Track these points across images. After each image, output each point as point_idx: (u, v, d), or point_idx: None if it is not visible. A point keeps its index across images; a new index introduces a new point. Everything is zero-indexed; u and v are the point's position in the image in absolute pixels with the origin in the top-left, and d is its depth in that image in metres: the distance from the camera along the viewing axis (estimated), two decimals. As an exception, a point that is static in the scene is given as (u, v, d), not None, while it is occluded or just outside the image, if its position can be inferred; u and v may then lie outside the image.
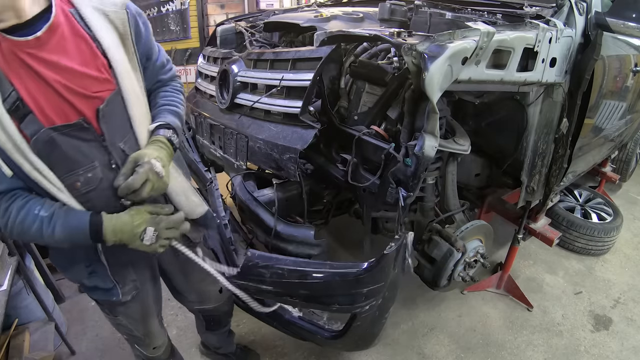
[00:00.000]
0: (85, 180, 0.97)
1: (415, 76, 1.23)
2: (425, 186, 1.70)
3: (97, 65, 0.94)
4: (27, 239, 0.98)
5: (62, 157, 0.93)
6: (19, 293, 1.81)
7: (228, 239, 1.68)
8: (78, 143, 0.94)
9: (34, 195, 0.94)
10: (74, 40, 0.91)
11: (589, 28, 1.64)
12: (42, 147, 0.89)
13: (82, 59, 0.92)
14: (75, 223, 0.94)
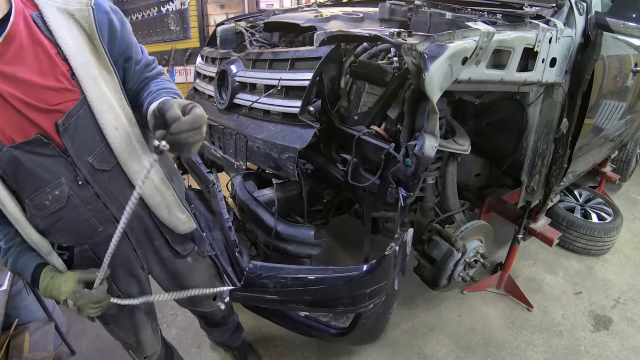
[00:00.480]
0: (53, 198, 0.92)
1: (415, 76, 1.23)
2: (425, 186, 1.70)
3: (56, 74, 0.85)
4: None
5: (28, 176, 0.88)
6: (19, 293, 1.81)
7: (233, 241, 1.68)
8: (41, 160, 0.88)
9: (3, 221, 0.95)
10: (33, 48, 0.82)
11: (589, 28, 1.64)
12: (6, 167, 0.85)
13: (40, 69, 0.83)
14: (21, 266, 0.99)
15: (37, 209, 0.92)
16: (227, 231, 1.70)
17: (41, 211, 0.93)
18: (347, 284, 1.35)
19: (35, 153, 0.87)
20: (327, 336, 1.66)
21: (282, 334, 2.08)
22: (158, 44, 3.58)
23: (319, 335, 1.68)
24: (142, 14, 3.45)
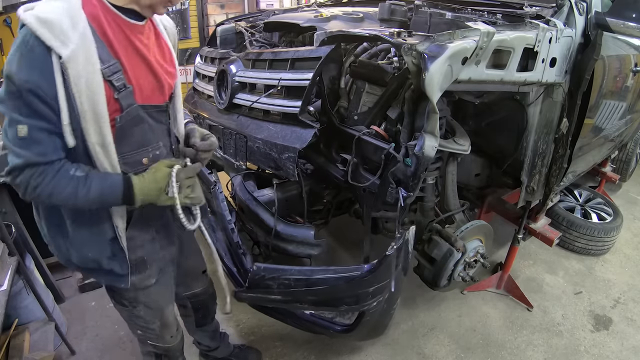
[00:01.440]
0: (152, 157, 1.09)
1: (415, 76, 1.23)
2: (425, 186, 1.70)
3: (172, 61, 1.13)
4: (53, 201, 0.96)
5: (140, 134, 1.05)
6: (19, 293, 1.81)
7: (236, 243, 1.68)
8: (155, 124, 1.09)
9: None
10: (156, 38, 1.09)
11: (589, 28, 1.64)
12: (128, 121, 0.99)
13: (163, 55, 1.09)
14: (109, 182, 0.99)
15: (132, 166, 1.05)
16: (230, 233, 1.71)
17: (135, 167, 1.05)
18: (349, 284, 1.36)
19: (153, 117, 1.08)
20: (332, 333, 1.66)
21: (282, 334, 2.08)
22: (158, 44, 3.57)
23: (324, 332, 1.69)
24: (142, 14, 3.44)
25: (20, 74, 0.84)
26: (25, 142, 0.89)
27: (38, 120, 0.88)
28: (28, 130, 0.88)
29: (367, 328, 1.60)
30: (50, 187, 0.93)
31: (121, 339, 2.06)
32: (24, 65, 0.85)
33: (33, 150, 0.89)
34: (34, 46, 0.85)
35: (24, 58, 0.85)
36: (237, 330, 2.11)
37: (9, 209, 2.00)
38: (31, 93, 0.86)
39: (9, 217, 1.99)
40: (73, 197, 0.95)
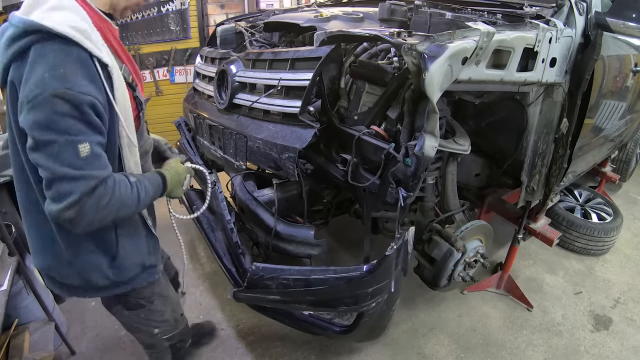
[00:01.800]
0: (148, 149, 1.21)
1: (415, 76, 1.23)
2: (425, 186, 1.70)
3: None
4: (120, 214, 0.95)
5: (142, 128, 1.14)
6: (19, 293, 1.81)
7: (235, 243, 1.68)
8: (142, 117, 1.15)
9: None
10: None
11: (589, 28, 1.64)
12: (142, 117, 1.09)
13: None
14: (153, 179, 1.07)
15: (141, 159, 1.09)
16: (229, 232, 1.70)
17: (142, 160, 1.12)
18: (348, 284, 1.36)
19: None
20: (330, 334, 1.66)
21: (282, 334, 2.08)
22: (158, 44, 3.58)
23: (323, 333, 1.69)
24: (142, 14, 3.44)
25: (75, 88, 0.80)
26: (89, 161, 0.84)
27: (96, 134, 0.86)
28: (90, 147, 0.84)
29: (366, 329, 1.60)
30: (119, 199, 0.91)
31: (121, 339, 2.06)
32: (76, 79, 0.81)
33: (97, 165, 0.86)
34: (81, 57, 0.82)
35: (74, 71, 0.81)
36: (237, 330, 2.11)
37: (9, 209, 2.00)
38: (89, 106, 0.82)
39: (9, 217, 1.99)
40: (136, 203, 0.97)
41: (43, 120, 0.79)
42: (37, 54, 0.81)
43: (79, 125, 0.82)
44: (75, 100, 0.80)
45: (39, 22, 0.79)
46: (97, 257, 1.05)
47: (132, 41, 3.49)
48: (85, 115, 0.82)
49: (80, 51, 0.82)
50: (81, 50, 0.83)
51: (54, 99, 0.79)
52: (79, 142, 0.82)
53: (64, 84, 0.79)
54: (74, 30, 0.81)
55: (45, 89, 0.79)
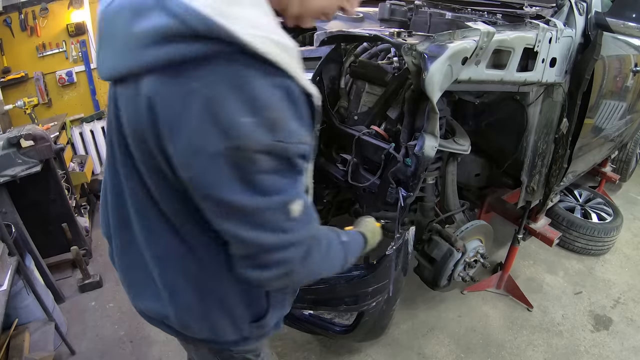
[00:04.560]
0: None
1: (415, 76, 1.23)
2: (425, 186, 1.70)
3: None
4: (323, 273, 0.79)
5: None
6: (19, 293, 1.81)
7: None
8: None
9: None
10: None
11: (589, 28, 1.64)
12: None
13: None
14: (359, 241, 0.95)
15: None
16: None
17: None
18: (349, 284, 1.36)
19: None
20: (331, 334, 1.66)
21: (282, 334, 2.08)
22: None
23: (323, 332, 1.69)
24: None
25: (287, 139, 0.58)
26: (301, 219, 0.65)
27: (302, 180, 0.67)
28: (303, 201, 0.65)
29: (367, 329, 1.60)
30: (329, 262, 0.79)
31: (121, 339, 2.06)
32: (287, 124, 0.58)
33: (307, 220, 0.68)
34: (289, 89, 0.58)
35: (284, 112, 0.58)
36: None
37: (9, 209, 2.00)
38: (301, 156, 0.62)
39: (9, 217, 1.99)
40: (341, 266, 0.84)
41: (241, 181, 0.58)
42: (222, 77, 0.54)
43: (288, 179, 0.62)
44: (287, 154, 0.59)
45: (225, 25, 0.52)
46: (243, 312, 0.84)
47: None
48: (296, 166, 0.62)
49: (286, 80, 0.58)
50: (286, 79, 0.58)
51: (258, 156, 0.57)
52: (290, 201, 0.63)
53: (274, 135, 0.56)
54: (278, 48, 0.56)
55: (245, 141, 0.55)
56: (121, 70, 0.60)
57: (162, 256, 0.77)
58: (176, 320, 0.83)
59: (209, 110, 0.54)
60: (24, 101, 2.97)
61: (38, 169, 2.08)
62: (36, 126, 2.22)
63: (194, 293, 0.79)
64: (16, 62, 3.23)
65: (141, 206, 0.74)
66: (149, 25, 0.54)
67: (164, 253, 0.76)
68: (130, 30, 0.56)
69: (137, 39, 0.56)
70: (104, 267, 2.58)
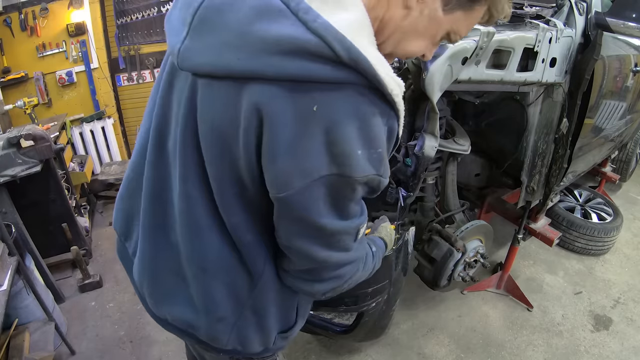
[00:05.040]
0: None
1: (415, 76, 1.23)
2: (425, 186, 1.70)
3: None
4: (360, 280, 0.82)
5: None
6: (19, 293, 1.81)
7: None
8: None
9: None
10: None
11: (589, 28, 1.64)
12: None
13: None
14: (382, 247, 0.95)
15: None
16: None
17: None
18: None
19: None
20: (331, 333, 1.66)
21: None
22: (158, 44, 3.57)
23: (323, 332, 1.68)
24: (142, 14, 3.44)
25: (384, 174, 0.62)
26: (361, 240, 0.74)
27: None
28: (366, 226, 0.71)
29: (366, 329, 1.60)
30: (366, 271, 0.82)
31: (121, 339, 2.06)
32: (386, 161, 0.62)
33: (364, 241, 0.76)
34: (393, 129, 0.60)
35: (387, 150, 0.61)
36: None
37: (9, 209, 2.00)
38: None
39: (9, 217, 1.99)
40: (370, 272, 0.85)
41: (332, 206, 0.60)
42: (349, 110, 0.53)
43: (364, 207, 0.69)
44: (377, 186, 0.63)
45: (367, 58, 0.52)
46: (275, 323, 0.84)
47: (132, 41, 3.49)
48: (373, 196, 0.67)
49: (394, 121, 0.59)
50: (395, 120, 0.59)
51: (358, 186, 0.59)
52: (362, 224, 0.68)
53: (377, 169, 0.58)
54: (398, 89, 0.56)
55: (353, 171, 0.56)
56: (224, 67, 0.55)
57: (208, 267, 0.73)
58: (206, 332, 0.80)
59: (328, 136, 0.53)
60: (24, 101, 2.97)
61: (38, 169, 2.08)
62: (36, 126, 2.22)
63: (233, 306, 0.77)
64: (16, 62, 3.23)
65: (194, 212, 0.69)
66: (282, 32, 0.51)
67: (211, 264, 0.73)
68: (250, 29, 0.52)
69: (260, 41, 0.52)
70: (104, 267, 2.58)
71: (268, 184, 0.59)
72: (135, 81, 3.61)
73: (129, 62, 3.54)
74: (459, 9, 0.58)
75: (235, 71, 0.54)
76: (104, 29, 3.38)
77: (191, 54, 0.58)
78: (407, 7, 0.58)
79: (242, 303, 0.77)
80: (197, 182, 0.67)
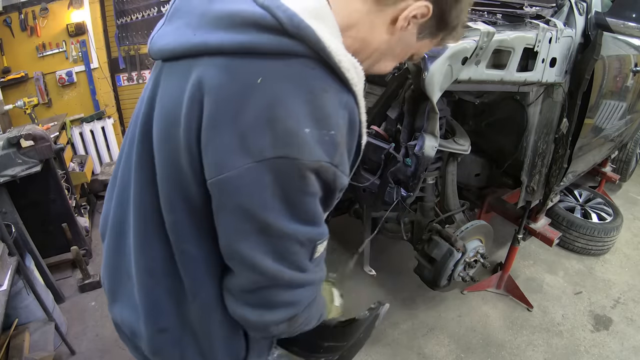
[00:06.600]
0: None
1: (415, 76, 1.23)
2: (425, 186, 1.70)
3: None
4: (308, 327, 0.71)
5: None
6: (19, 293, 1.81)
7: None
8: None
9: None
10: None
11: (589, 28, 1.64)
12: None
13: None
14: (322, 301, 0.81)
15: None
16: None
17: None
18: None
19: None
20: None
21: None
22: (158, 44, 3.57)
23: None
24: (142, 14, 3.44)
25: (340, 165, 0.54)
26: (318, 262, 0.61)
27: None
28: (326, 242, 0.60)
29: None
30: (317, 311, 0.70)
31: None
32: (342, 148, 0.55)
33: (322, 264, 0.64)
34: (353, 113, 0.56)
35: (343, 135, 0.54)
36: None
37: (9, 209, 2.00)
38: (342, 189, 0.58)
39: (9, 217, 1.99)
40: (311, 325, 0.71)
41: (282, 199, 0.52)
42: (296, 81, 0.50)
43: (323, 214, 0.58)
44: (334, 181, 0.54)
45: (315, 29, 0.50)
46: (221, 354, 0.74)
47: (132, 41, 3.49)
48: (334, 199, 0.58)
49: (354, 106, 0.55)
50: (355, 105, 0.55)
51: (309, 174, 0.51)
52: (319, 239, 0.57)
53: (330, 155, 0.52)
54: (356, 71, 0.54)
55: (300, 152, 0.49)
56: (182, 44, 0.54)
57: (154, 270, 0.67)
58: (148, 342, 0.72)
59: (272, 111, 0.48)
60: (24, 101, 2.97)
61: (38, 169, 2.08)
62: (36, 126, 2.22)
63: (176, 319, 0.69)
64: (16, 62, 3.23)
65: (143, 208, 0.65)
66: (233, 8, 0.51)
67: (157, 267, 0.67)
68: (209, 7, 0.53)
69: (214, 17, 0.52)
70: (104, 267, 2.57)
71: (207, 169, 0.53)
72: (135, 81, 3.61)
73: (129, 62, 3.54)
74: (428, 37, 0.63)
75: (190, 47, 0.53)
76: (104, 29, 3.38)
77: (159, 39, 0.60)
78: (391, 34, 0.60)
79: (186, 318, 0.69)
80: (147, 176, 0.63)
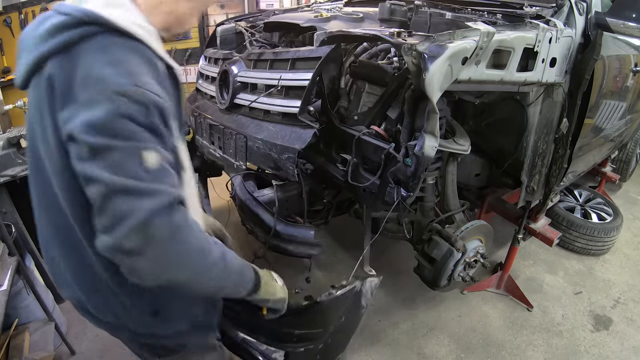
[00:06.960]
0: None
1: (415, 76, 1.23)
2: (425, 186, 1.70)
3: None
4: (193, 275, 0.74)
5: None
6: (19, 293, 1.81)
7: None
8: None
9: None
10: None
11: (589, 28, 1.64)
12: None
13: None
14: (245, 266, 0.90)
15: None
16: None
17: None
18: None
19: None
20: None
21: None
22: (158, 44, 3.58)
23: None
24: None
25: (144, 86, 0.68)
26: (157, 175, 0.67)
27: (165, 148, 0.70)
28: (159, 158, 0.68)
29: None
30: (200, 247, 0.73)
31: (121, 339, 2.06)
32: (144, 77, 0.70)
33: (169, 182, 0.68)
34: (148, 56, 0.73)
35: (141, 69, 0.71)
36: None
37: (9, 209, 2.00)
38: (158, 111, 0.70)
39: (9, 217, 1.99)
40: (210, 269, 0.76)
41: (101, 121, 0.63)
42: (95, 47, 0.67)
43: (146, 133, 0.67)
44: (143, 99, 0.66)
45: (101, 13, 0.68)
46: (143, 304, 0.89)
47: (132, 41, 3.50)
48: (153, 121, 0.68)
49: (144, 49, 0.71)
50: (145, 48, 0.72)
51: (118, 97, 0.64)
52: (144, 149, 0.66)
53: (131, 80, 0.66)
54: (141, 29, 0.72)
55: (106, 85, 0.65)
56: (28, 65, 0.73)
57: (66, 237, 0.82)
58: (89, 304, 0.91)
59: (82, 67, 0.67)
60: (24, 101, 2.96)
61: (38, 169, 2.08)
62: (36, 126, 2.21)
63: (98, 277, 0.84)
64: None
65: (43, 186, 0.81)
66: (48, 24, 0.70)
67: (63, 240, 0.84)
68: (35, 34, 0.72)
69: (40, 36, 0.70)
70: (104, 267, 2.57)
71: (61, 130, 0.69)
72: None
73: (129, 62, 3.55)
74: None
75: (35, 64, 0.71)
76: (104, 29, 3.39)
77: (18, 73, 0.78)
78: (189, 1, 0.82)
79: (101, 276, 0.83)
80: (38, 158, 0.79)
